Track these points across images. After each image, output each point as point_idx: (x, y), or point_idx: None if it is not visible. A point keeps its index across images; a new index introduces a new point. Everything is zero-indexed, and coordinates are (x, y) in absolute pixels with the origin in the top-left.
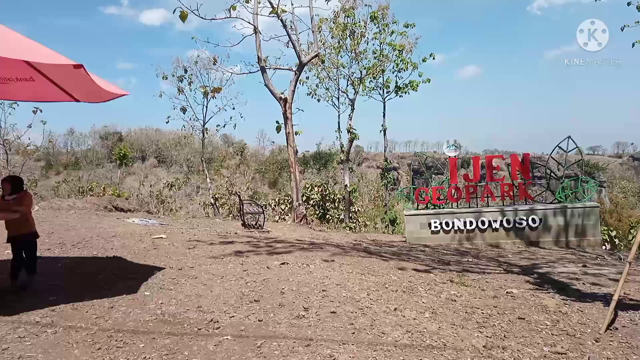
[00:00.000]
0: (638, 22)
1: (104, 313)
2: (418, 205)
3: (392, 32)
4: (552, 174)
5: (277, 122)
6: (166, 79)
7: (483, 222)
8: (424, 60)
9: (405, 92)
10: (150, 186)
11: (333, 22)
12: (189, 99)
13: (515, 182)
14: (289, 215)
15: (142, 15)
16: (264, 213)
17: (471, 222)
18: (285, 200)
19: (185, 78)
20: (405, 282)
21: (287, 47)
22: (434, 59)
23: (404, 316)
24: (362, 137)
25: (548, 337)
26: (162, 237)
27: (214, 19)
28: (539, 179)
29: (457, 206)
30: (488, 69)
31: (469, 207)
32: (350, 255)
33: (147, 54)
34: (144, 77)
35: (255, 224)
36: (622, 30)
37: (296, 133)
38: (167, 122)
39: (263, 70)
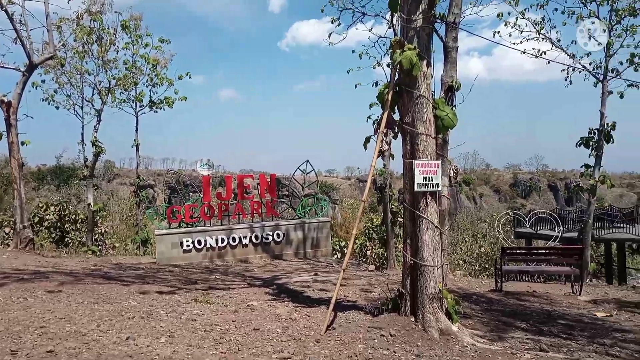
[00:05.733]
0: (360, 67)
1: None
2: (170, 224)
3: (147, 45)
4: (294, 193)
5: None
6: None
7: (234, 239)
8: (180, 78)
9: (161, 108)
10: None
11: (77, 24)
12: None
13: (264, 200)
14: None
15: None
16: None
17: (223, 239)
18: (10, 222)
19: None
20: (145, 306)
21: (15, 43)
22: (190, 77)
23: (136, 345)
24: (115, 152)
25: (277, 344)
26: None
27: None
28: (287, 197)
29: (210, 224)
30: (245, 94)
31: (222, 224)
32: (83, 283)
33: None
34: None
35: None
36: (348, 73)
37: (23, 143)
38: None
39: None
